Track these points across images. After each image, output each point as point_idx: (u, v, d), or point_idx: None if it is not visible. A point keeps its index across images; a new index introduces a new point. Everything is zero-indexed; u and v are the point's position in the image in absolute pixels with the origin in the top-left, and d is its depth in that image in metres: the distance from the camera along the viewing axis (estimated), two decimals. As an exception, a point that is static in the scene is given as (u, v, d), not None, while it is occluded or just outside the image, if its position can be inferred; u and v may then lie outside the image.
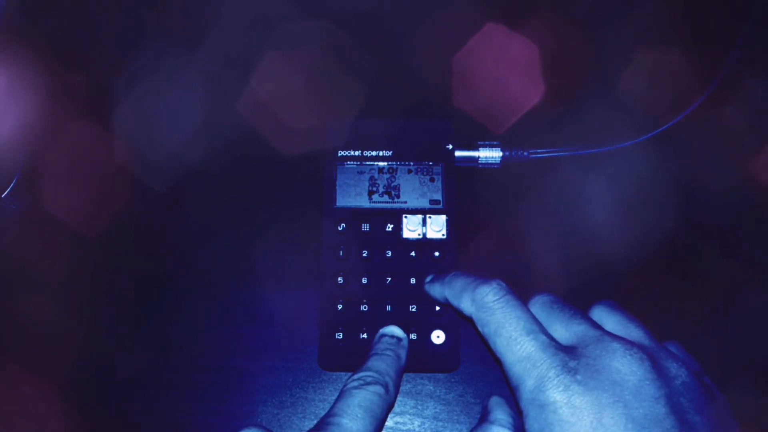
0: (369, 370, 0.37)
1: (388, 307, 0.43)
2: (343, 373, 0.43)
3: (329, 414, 0.34)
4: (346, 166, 0.46)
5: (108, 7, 0.51)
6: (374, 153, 0.46)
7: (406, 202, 0.45)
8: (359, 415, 0.34)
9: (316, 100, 0.49)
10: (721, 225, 0.46)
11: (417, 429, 0.42)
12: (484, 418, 0.37)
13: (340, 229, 0.45)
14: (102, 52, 0.50)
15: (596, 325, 0.35)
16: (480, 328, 0.36)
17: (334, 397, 0.43)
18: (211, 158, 0.48)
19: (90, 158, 0.48)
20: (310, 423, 0.42)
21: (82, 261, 0.46)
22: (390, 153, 0.46)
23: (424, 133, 0.47)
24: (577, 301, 0.37)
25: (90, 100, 0.49)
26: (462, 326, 0.43)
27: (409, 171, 0.46)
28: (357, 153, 0.46)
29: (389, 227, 0.45)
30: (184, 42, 0.50)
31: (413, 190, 0.45)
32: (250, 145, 0.48)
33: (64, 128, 0.48)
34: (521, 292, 0.36)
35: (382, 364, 0.38)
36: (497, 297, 0.35)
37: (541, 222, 0.46)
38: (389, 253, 0.44)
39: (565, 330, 0.35)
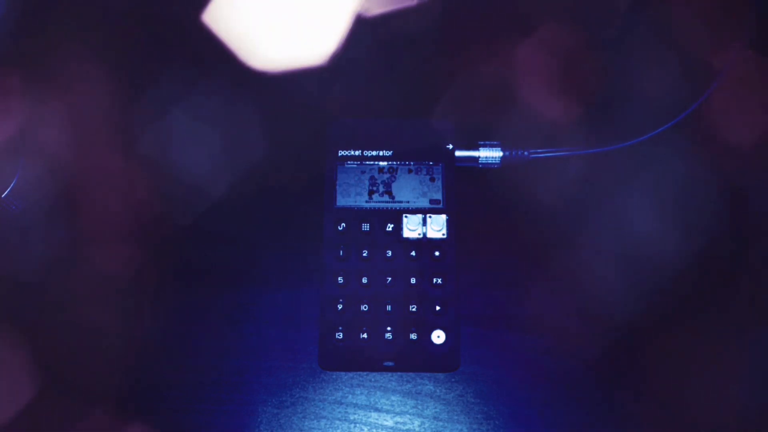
0: None
1: (388, 307, 0.43)
2: (343, 373, 0.43)
3: None
4: (347, 165, 0.46)
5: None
6: (374, 153, 0.46)
7: (406, 202, 0.45)
8: None
9: (319, 101, 0.49)
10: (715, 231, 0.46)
11: (417, 429, 0.42)
12: None
13: (340, 228, 0.45)
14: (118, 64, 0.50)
15: None
16: None
17: (334, 397, 0.43)
18: (211, 159, 0.48)
19: (92, 161, 0.48)
20: (310, 423, 0.42)
21: (80, 261, 0.46)
22: (390, 153, 0.46)
23: (424, 132, 0.46)
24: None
25: (93, 105, 0.49)
26: (462, 326, 0.43)
27: (410, 171, 0.46)
28: (357, 153, 0.46)
29: (389, 227, 0.45)
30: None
31: (413, 189, 0.45)
32: (249, 145, 0.48)
33: (72, 135, 0.48)
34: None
35: None
36: None
37: (541, 222, 0.46)
38: (389, 253, 0.44)
39: None
